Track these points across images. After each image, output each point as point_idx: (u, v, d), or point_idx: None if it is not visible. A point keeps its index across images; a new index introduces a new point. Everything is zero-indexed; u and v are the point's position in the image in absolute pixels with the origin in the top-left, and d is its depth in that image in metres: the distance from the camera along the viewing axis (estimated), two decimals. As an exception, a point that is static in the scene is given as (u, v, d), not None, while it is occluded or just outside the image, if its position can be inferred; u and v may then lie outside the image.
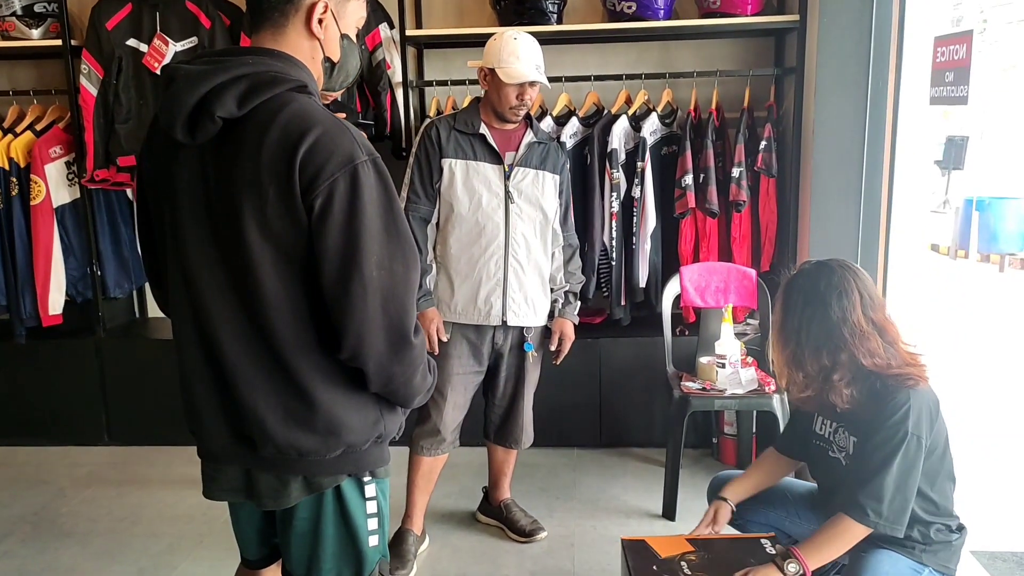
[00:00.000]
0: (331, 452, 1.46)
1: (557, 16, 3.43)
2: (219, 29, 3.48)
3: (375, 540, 1.56)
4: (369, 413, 1.48)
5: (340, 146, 1.33)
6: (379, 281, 1.35)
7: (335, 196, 1.31)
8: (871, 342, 1.88)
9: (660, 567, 2.07)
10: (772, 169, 3.40)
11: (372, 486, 1.54)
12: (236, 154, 1.34)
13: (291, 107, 1.34)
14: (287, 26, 1.43)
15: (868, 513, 1.85)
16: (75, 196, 3.71)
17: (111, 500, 3.30)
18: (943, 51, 2.35)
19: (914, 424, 1.84)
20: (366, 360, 1.39)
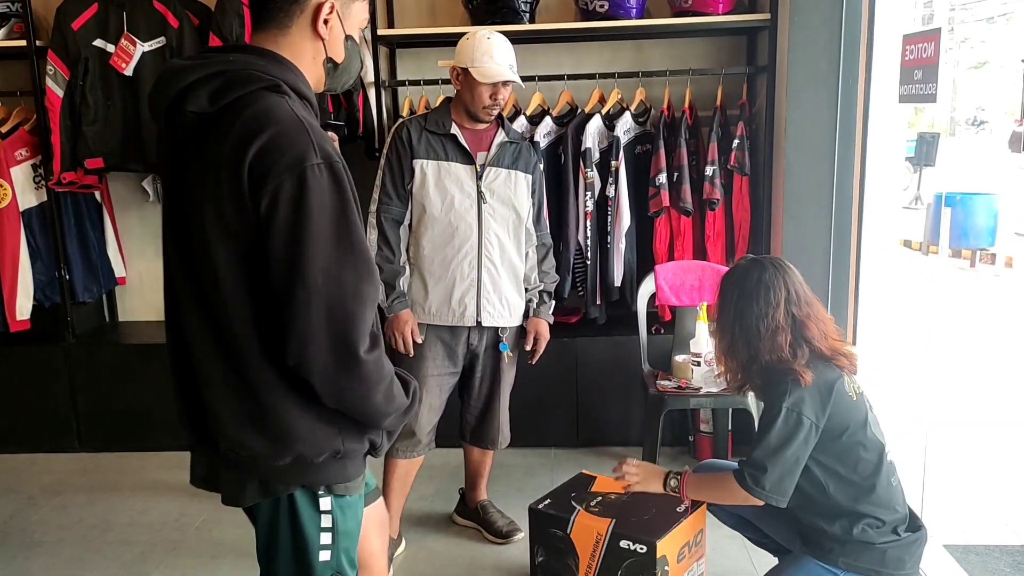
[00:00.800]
0: (280, 459, 1.42)
1: (530, 15, 3.42)
2: (187, 29, 3.44)
3: (326, 555, 1.52)
4: (325, 427, 1.43)
5: (292, 147, 1.30)
6: (324, 289, 1.31)
7: (280, 197, 1.29)
8: (779, 337, 1.98)
9: (578, 494, 2.39)
10: (745, 167, 3.41)
11: (328, 500, 1.49)
12: (203, 149, 1.35)
13: (255, 106, 1.32)
14: (291, 27, 1.43)
15: (747, 479, 1.99)
16: (42, 199, 3.65)
17: (82, 508, 3.25)
18: (912, 49, 2.37)
19: (793, 403, 1.94)
20: (310, 371, 1.34)
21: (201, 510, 3.19)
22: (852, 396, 2.00)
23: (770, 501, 1.99)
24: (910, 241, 8.88)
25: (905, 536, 2.03)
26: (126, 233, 3.99)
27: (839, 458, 1.99)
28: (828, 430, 1.96)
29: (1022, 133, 15.77)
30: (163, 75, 1.39)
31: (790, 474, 1.97)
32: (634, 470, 2.25)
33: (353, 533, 1.58)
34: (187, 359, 1.46)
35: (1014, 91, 18.88)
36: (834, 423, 1.96)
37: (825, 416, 1.95)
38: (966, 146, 19.96)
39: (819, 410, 1.94)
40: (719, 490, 2.12)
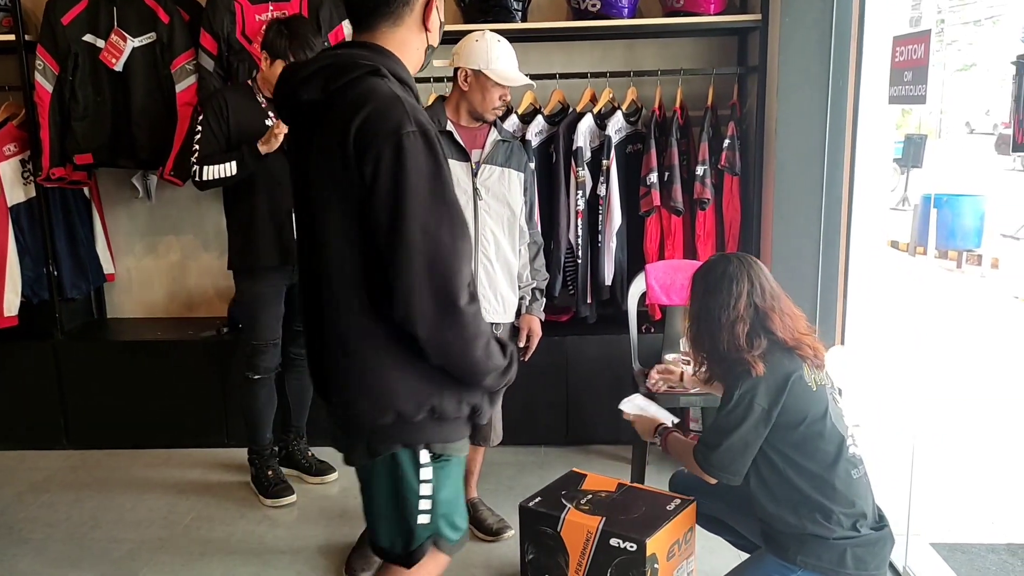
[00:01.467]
0: (382, 417, 1.55)
1: (522, 14, 3.42)
2: (178, 24, 3.43)
3: (425, 518, 1.63)
4: (423, 385, 1.56)
5: (390, 119, 1.46)
6: (423, 244, 1.45)
7: (381, 163, 1.44)
8: (737, 327, 2.04)
9: (568, 492, 2.41)
10: (736, 167, 3.43)
11: (427, 459, 1.61)
12: (318, 132, 1.53)
13: (358, 87, 1.50)
14: (402, 24, 1.60)
15: (698, 454, 2.10)
16: (30, 195, 3.63)
17: (70, 505, 3.24)
18: (902, 51, 2.38)
19: (746, 389, 2.01)
20: (416, 323, 1.47)
21: (189, 508, 3.19)
22: (812, 387, 2.03)
23: (720, 478, 2.07)
24: (897, 242, 8.93)
25: (865, 534, 2.04)
26: (115, 230, 3.98)
27: (797, 447, 2.03)
28: (785, 419, 2.01)
29: (1009, 135, 15.87)
30: (283, 74, 1.61)
31: (740, 455, 2.03)
32: (634, 417, 2.44)
33: (452, 499, 1.69)
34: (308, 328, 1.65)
35: (1001, 94, 19.01)
36: (791, 413, 2.01)
37: (779, 405, 2.00)
38: (953, 148, 20.09)
39: (772, 398, 2.00)
40: (684, 456, 2.19)
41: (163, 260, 4.06)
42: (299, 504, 3.19)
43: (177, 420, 3.71)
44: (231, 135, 2.96)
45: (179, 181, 3.52)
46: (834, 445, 2.04)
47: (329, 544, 2.89)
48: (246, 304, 3.19)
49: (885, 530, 2.09)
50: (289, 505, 3.18)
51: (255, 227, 3.00)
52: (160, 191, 3.88)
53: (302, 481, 3.36)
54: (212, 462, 3.58)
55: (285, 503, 3.18)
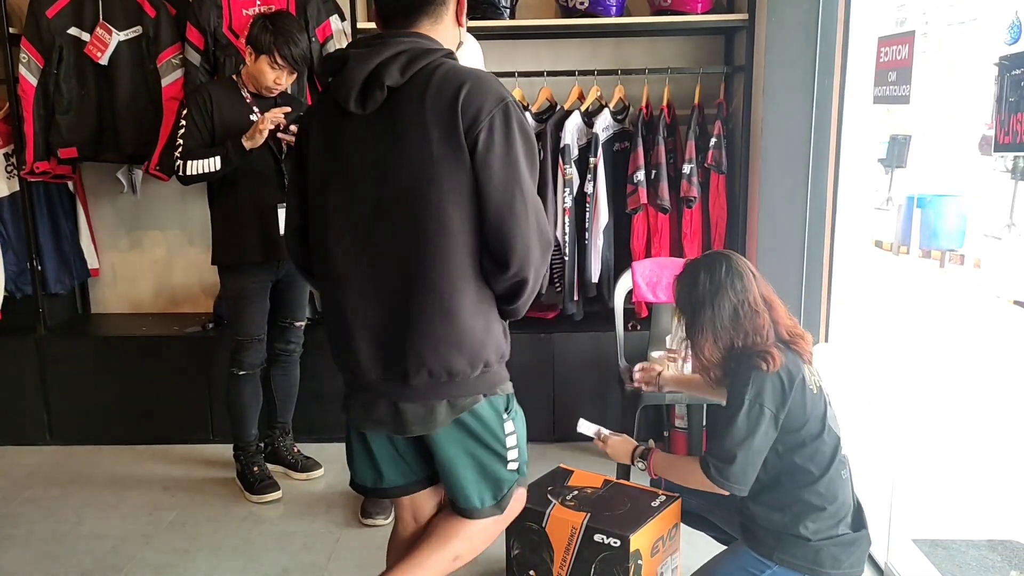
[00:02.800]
0: (475, 371, 1.68)
1: (510, 11, 3.42)
2: (164, 18, 3.41)
3: (514, 465, 1.77)
4: (497, 333, 1.72)
5: (491, 90, 1.60)
6: (532, 199, 1.62)
7: (495, 129, 1.57)
8: (759, 318, 2.01)
9: (554, 488, 2.42)
10: (722, 166, 3.44)
11: (505, 402, 1.75)
12: (401, 112, 1.60)
13: (443, 67, 1.61)
14: (444, 17, 1.70)
15: (711, 469, 2.01)
16: (14, 189, 3.60)
17: (53, 501, 3.22)
18: (886, 51, 2.40)
19: (755, 394, 1.96)
20: (528, 269, 1.63)
21: (174, 504, 3.17)
22: (813, 389, 2.03)
23: (733, 491, 2.02)
24: (881, 242, 9.00)
25: (843, 533, 2.05)
26: (100, 224, 3.95)
27: (796, 450, 2.02)
28: (788, 422, 1.99)
29: (991, 136, 15.99)
30: (350, 61, 1.63)
31: (753, 465, 2.00)
32: (601, 442, 2.37)
33: (523, 442, 1.81)
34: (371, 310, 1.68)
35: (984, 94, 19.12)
36: (794, 416, 1.99)
37: (785, 408, 1.97)
38: (937, 149, 20.20)
39: (779, 402, 1.97)
40: (684, 473, 2.14)
41: (148, 255, 4.04)
42: (285, 500, 3.19)
43: (162, 416, 3.70)
44: (215, 130, 2.95)
45: (164, 176, 3.51)
46: (831, 447, 2.03)
47: (315, 540, 2.89)
48: (231, 300, 3.18)
49: (863, 532, 2.09)
50: (275, 501, 3.17)
51: (239, 222, 3.00)
52: (145, 186, 3.86)
53: (288, 477, 3.36)
54: (197, 458, 3.57)
55: (271, 499, 3.17)
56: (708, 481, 2.03)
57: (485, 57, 3.65)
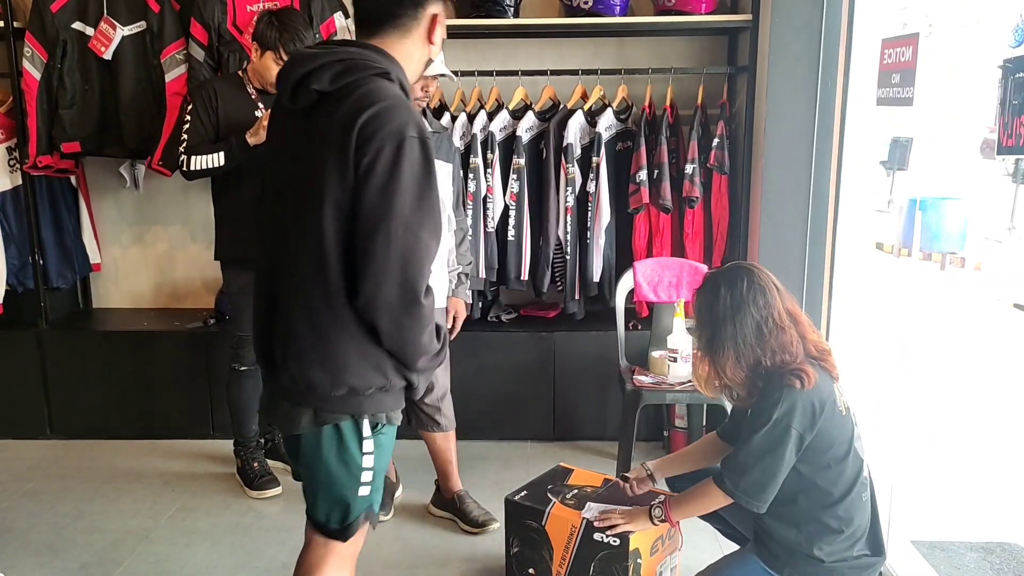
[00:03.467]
0: (336, 390, 1.66)
1: (514, 9, 3.42)
2: (168, 13, 3.41)
3: (365, 490, 1.74)
4: (376, 362, 1.66)
5: (395, 120, 1.56)
6: (403, 241, 1.55)
7: (380, 157, 1.54)
8: (786, 335, 1.94)
9: (554, 486, 2.42)
10: (724, 166, 3.44)
11: (370, 438, 1.71)
12: (320, 118, 1.62)
13: (368, 86, 1.59)
14: (410, 34, 1.71)
15: (726, 481, 1.97)
16: (16, 183, 3.60)
17: (53, 495, 3.22)
18: (890, 53, 2.40)
19: (784, 413, 1.89)
20: (378, 310, 1.58)
21: (174, 499, 3.18)
22: (842, 411, 1.97)
23: (748, 506, 1.96)
24: (882, 244, 9.00)
25: (860, 556, 2.00)
26: (102, 219, 3.96)
27: (819, 472, 1.96)
28: (814, 445, 1.93)
29: (993, 139, 15.98)
30: (294, 59, 1.70)
31: (771, 482, 1.93)
32: (619, 519, 2.20)
33: (382, 471, 1.79)
34: (264, 303, 1.74)
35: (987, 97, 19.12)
36: (822, 439, 1.93)
37: (814, 431, 1.91)
38: (939, 151, 20.20)
39: (808, 423, 1.90)
40: (701, 500, 2.07)
41: (150, 250, 4.04)
42: (284, 496, 3.19)
43: (162, 411, 3.70)
44: (220, 126, 2.95)
45: (167, 171, 3.51)
46: (854, 470, 1.98)
47: (314, 536, 2.89)
48: (233, 295, 3.18)
49: (880, 558, 2.03)
50: (274, 497, 3.18)
51: (242, 218, 2.99)
52: (148, 181, 3.86)
53: (288, 473, 3.34)
54: (197, 453, 3.58)
55: (270, 495, 3.18)
56: (723, 496, 1.98)
57: (489, 56, 3.67)
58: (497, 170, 3.46)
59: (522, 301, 3.86)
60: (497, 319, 3.69)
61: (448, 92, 3.60)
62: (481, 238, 3.46)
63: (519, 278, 3.56)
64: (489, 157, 3.43)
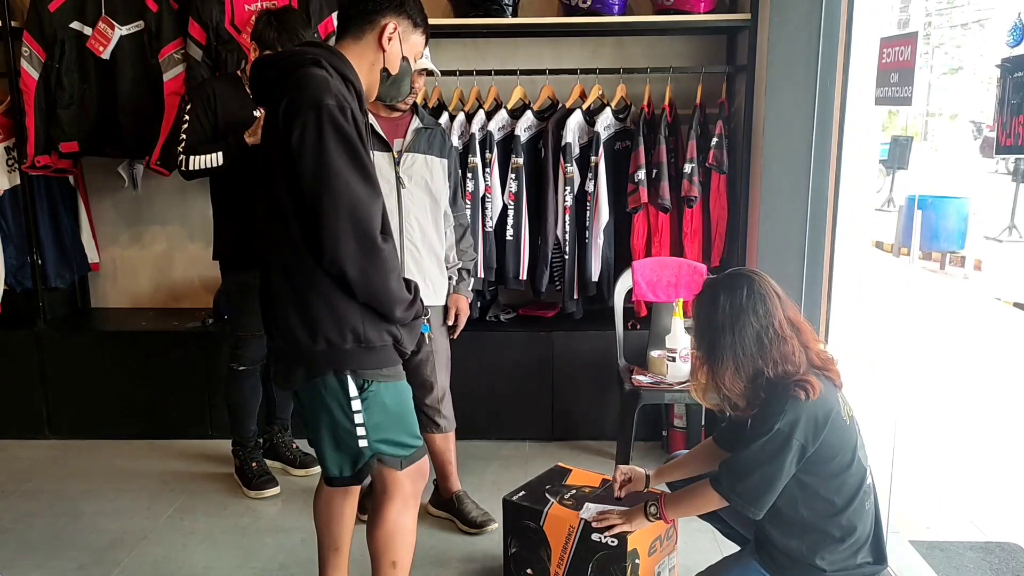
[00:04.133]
0: (316, 344, 1.83)
1: (512, 9, 3.42)
2: (166, 13, 3.40)
3: (363, 442, 1.89)
4: (346, 315, 1.82)
5: (311, 94, 1.74)
6: (346, 196, 1.73)
7: (306, 129, 1.73)
8: (787, 345, 1.90)
9: (552, 486, 2.43)
10: (723, 165, 3.44)
11: (353, 385, 1.86)
12: (269, 105, 1.85)
13: (297, 73, 1.79)
14: (363, 38, 1.92)
15: (723, 484, 1.96)
16: (15, 183, 3.60)
17: (51, 495, 3.22)
18: (889, 52, 2.40)
19: (786, 423, 1.86)
20: (343, 262, 1.74)
21: (172, 499, 3.18)
22: (845, 420, 1.95)
23: (744, 510, 1.95)
24: (882, 243, 9.00)
25: (862, 564, 1.98)
26: (100, 219, 3.95)
27: (823, 481, 1.94)
28: (817, 455, 1.91)
29: (993, 138, 15.97)
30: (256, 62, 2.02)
31: (768, 489, 1.91)
32: (616, 519, 2.19)
33: (386, 423, 1.92)
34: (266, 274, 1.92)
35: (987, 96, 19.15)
36: (826, 449, 1.91)
37: (816, 443, 1.88)
38: (939, 150, 20.23)
39: (811, 436, 1.87)
40: (697, 501, 2.06)
41: (148, 250, 4.04)
42: (283, 496, 3.19)
43: (161, 411, 3.70)
44: (219, 125, 2.95)
45: (165, 171, 3.51)
46: (858, 479, 1.96)
47: (312, 536, 2.88)
48: (232, 295, 3.18)
49: (882, 566, 2.01)
50: (273, 497, 3.18)
51: (241, 217, 2.99)
52: (146, 180, 3.86)
53: (286, 473, 3.36)
54: (196, 453, 3.57)
55: (269, 495, 3.18)
56: (719, 498, 1.97)
57: (487, 55, 3.67)
58: (496, 169, 3.45)
59: (521, 301, 3.86)
60: (496, 319, 3.69)
61: (447, 91, 3.59)
62: (480, 238, 3.46)
63: (518, 278, 3.55)
64: (487, 156, 3.43)
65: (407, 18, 1.94)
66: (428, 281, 2.70)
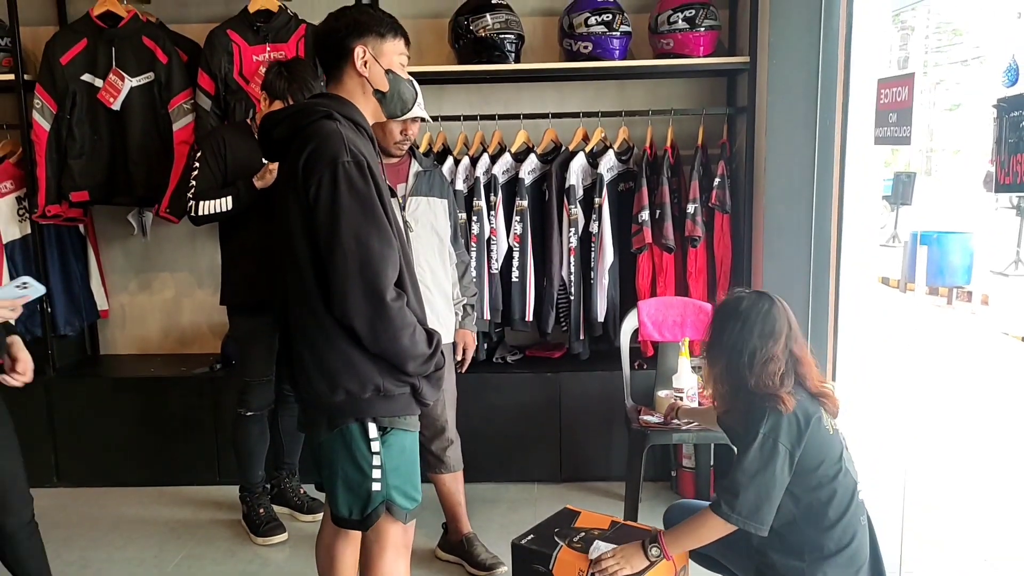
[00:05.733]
0: (335, 396, 1.86)
1: (515, 55, 3.48)
2: (176, 64, 3.47)
3: (377, 485, 1.91)
4: (365, 368, 1.85)
5: (328, 151, 1.78)
6: (357, 252, 1.76)
7: (322, 185, 1.78)
8: (770, 367, 1.98)
9: (561, 529, 2.40)
10: (726, 205, 3.47)
11: (375, 432, 1.89)
12: (286, 162, 1.89)
13: (310, 128, 1.83)
14: (343, 74, 1.94)
15: (722, 505, 1.97)
16: (26, 232, 3.64)
17: (59, 544, 3.19)
18: (886, 93, 2.43)
19: (770, 428, 1.95)
20: (351, 316, 1.78)
21: (180, 546, 3.16)
22: (829, 430, 2.01)
23: (748, 528, 1.96)
24: (888, 278, 8.99)
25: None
26: (110, 266, 3.99)
27: (813, 492, 1.99)
28: (804, 463, 1.96)
29: (995, 173, 15.99)
30: (264, 119, 1.96)
31: (767, 501, 1.95)
32: (612, 562, 2.14)
33: (401, 470, 1.96)
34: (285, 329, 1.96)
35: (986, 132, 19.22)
36: (810, 456, 1.96)
37: (801, 446, 1.94)
38: (942, 186, 20.30)
39: (795, 439, 1.94)
40: (698, 530, 2.07)
41: (157, 296, 4.07)
42: (290, 542, 3.17)
43: (169, 457, 3.70)
44: (228, 173, 2.99)
45: (175, 218, 3.55)
46: (849, 491, 2.00)
47: (320, 583, 2.86)
48: (239, 340, 3.19)
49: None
50: (280, 543, 3.16)
51: (249, 262, 3.02)
52: (155, 228, 3.90)
53: (294, 519, 3.34)
54: (203, 500, 3.56)
55: (276, 541, 3.16)
56: (721, 523, 1.98)
57: (491, 100, 3.72)
58: (500, 212, 3.49)
59: (527, 342, 3.86)
60: (503, 360, 3.70)
61: (451, 136, 3.65)
62: (485, 279, 3.48)
63: (524, 319, 3.57)
64: (492, 199, 3.46)
65: (371, 34, 1.93)
66: (438, 319, 2.73)
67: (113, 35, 3.44)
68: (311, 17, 3.48)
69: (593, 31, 3.39)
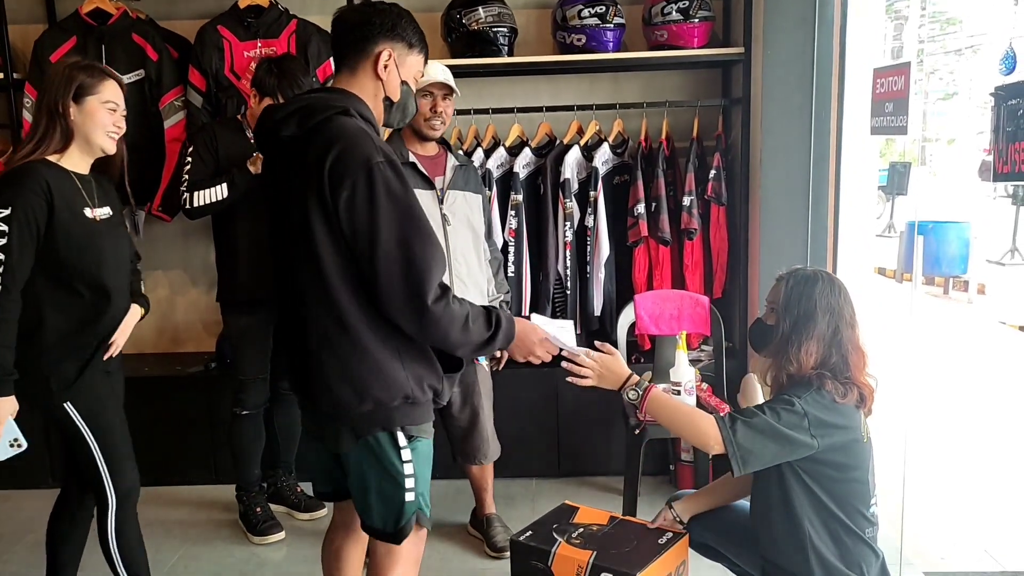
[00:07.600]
0: (363, 406, 1.79)
1: (508, 48, 3.46)
2: (166, 62, 3.44)
3: (411, 496, 1.85)
4: (398, 376, 1.79)
5: (360, 153, 1.68)
6: (397, 256, 1.68)
7: (357, 190, 1.67)
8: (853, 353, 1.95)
9: (559, 525, 2.36)
10: (722, 197, 3.45)
11: (404, 441, 1.83)
12: (300, 160, 1.74)
13: (330, 125, 1.73)
14: (359, 70, 1.83)
15: (725, 421, 1.93)
16: (17, 232, 3.61)
17: (55, 545, 3.18)
18: (882, 82, 2.42)
19: (806, 401, 1.90)
20: (399, 320, 1.73)
21: (176, 547, 3.14)
22: (864, 438, 1.96)
23: (730, 454, 1.91)
24: (884, 269, 8.99)
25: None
26: (103, 265, 3.96)
27: (836, 499, 1.95)
28: (830, 458, 1.92)
29: (991, 162, 16.03)
30: (265, 111, 1.86)
31: (764, 447, 1.89)
32: (594, 365, 2.15)
33: (426, 477, 1.92)
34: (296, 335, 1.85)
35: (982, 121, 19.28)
36: (837, 453, 1.92)
37: (824, 436, 1.89)
38: (937, 175, 20.33)
39: (823, 423, 1.89)
40: (683, 418, 2.04)
41: (150, 295, 3.99)
42: (288, 541, 3.16)
43: (164, 457, 3.67)
44: (220, 166, 2.97)
45: (167, 216, 3.52)
46: (865, 503, 1.98)
47: (318, 582, 2.85)
48: (234, 338, 3.17)
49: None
50: (277, 542, 3.14)
51: (242, 259, 3.00)
52: (148, 226, 3.87)
53: (291, 517, 3.33)
54: (200, 499, 3.54)
55: (273, 540, 3.14)
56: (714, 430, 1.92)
57: (484, 94, 3.70)
58: (495, 207, 3.47)
59: (524, 337, 3.84)
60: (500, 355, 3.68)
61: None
62: (481, 275, 3.47)
63: (520, 314, 3.55)
64: (487, 194, 3.44)
65: (401, 41, 1.84)
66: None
67: (102, 32, 3.41)
68: (302, 12, 3.45)
69: (586, 23, 3.37)
